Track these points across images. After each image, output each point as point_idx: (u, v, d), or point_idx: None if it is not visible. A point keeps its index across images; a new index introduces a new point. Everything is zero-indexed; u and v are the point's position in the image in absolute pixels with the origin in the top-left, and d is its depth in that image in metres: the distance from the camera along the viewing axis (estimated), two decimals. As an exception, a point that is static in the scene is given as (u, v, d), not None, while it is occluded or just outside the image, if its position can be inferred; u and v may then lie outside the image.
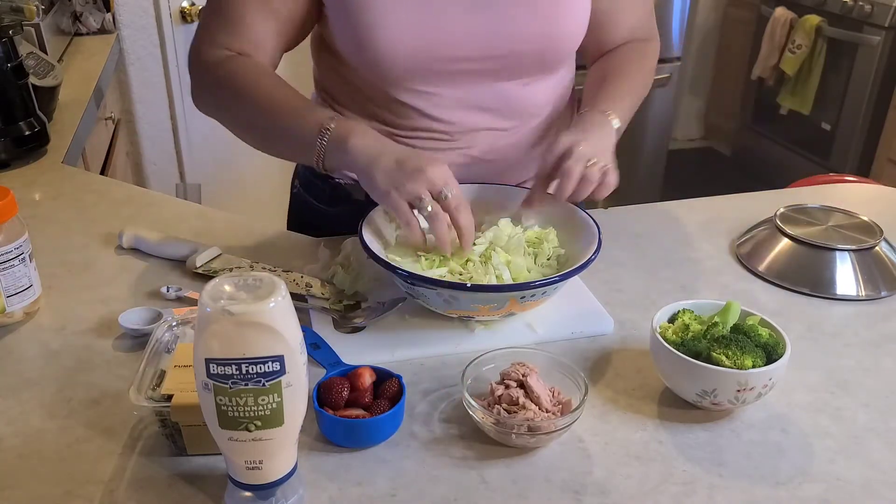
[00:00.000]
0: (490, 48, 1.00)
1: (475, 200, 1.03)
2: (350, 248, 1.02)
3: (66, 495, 0.69)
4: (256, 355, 0.60)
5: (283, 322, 0.61)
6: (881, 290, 1.02)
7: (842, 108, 3.36)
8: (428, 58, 0.99)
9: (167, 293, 0.97)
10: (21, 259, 0.91)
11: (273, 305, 0.60)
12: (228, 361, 0.60)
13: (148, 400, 0.71)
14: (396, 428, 0.76)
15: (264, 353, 0.60)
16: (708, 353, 0.77)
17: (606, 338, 0.92)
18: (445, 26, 0.98)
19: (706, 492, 0.70)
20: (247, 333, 0.59)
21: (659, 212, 1.26)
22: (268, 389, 0.61)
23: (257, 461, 0.64)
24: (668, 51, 3.38)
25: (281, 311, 0.60)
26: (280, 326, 0.60)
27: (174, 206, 1.27)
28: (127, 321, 0.90)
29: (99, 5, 2.38)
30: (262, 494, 0.66)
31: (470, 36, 0.99)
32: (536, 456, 0.74)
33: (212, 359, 0.60)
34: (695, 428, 0.78)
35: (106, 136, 2.13)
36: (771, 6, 3.63)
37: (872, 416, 0.80)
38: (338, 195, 1.15)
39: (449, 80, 1.02)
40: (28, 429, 0.77)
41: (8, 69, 1.40)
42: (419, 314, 0.93)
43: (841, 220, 1.12)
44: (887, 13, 3.08)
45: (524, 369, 0.78)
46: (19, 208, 0.91)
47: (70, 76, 1.93)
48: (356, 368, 0.78)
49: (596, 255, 0.89)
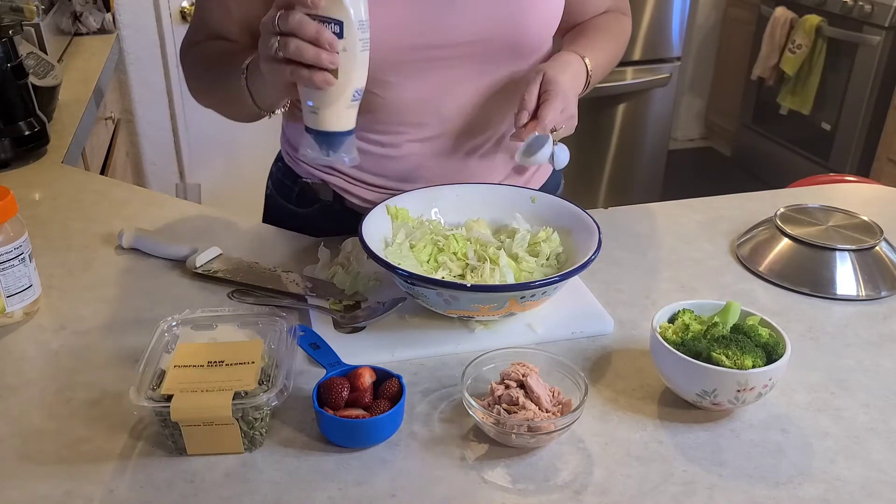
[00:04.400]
0: (459, 35, 1.00)
1: (482, 205, 1.04)
2: (350, 248, 1.02)
3: (66, 495, 0.69)
4: (321, 14, 0.78)
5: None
6: (881, 290, 1.02)
7: (842, 108, 3.36)
8: (396, 47, 0.99)
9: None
10: (21, 259, 0.91)
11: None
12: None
13: (148, 400, 0.71)
14: (396, 428, 0.76)
15: (326, 13, 0.78)
16: (708, 353, 0.77)
17: (606, 338, 0.92)
18: (413, 15, 0.98)
19: (706, 492, 0.70)
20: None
21: (659, 212, 1.26)
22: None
23: (315, 108, 0.83)
24: (668, 51, 3.38)
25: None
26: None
27: (174, 206, 1.27)
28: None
29: (99, 5, 2.38)
30: (324, 139, 0.84)
31: (437, 24, 0.99)
32: (536, 456, 0.74)
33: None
34: (695, 428, 0.78)
35: (106, 136, 2.13)
36: (771, 6, 3.63)
37: (872, 416, 0.80)
38: (305, 196, 1.16)
39: (418, 68, 1.02)
40: (28, 429, 0.77)
41: (8, 69, 1.40)
42: (419, 314, 0.93)
43: (841, 220, 1.12)
44: (887, 13, 3.09)
45: (524, 369, 0.78)
46: (19, 208, 0.91)
47: (70, 76, 1.94)
48: (356, 368, 0.78)
49: (596, 255, 0.89)
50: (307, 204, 1.17)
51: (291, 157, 1.18)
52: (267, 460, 0.73)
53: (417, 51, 1.00)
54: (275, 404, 0.72)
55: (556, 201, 1.03)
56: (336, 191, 1.13)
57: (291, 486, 0.70)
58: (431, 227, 1.00)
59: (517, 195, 1.04)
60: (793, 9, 3.49)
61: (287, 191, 1.19)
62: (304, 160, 1.11)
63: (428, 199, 1.03)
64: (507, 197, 1.04)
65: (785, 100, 3.61)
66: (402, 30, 0.98)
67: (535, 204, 1.03)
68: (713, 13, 4.18)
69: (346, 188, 1.12)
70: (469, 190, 1.05)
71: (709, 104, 4.43)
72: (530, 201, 1.03)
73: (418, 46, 0.99)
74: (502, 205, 1.04)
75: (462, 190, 1.05)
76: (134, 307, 0.97)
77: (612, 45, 1.15)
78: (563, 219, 1.00)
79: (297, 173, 1.16)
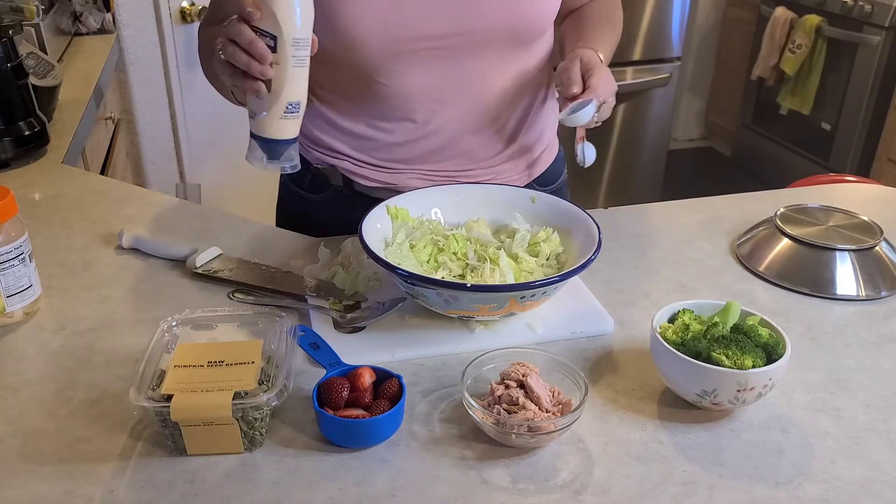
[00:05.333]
0: (459, 25, 1.02)
1: (482, 205, 1.04)
2: (350, 248, 1.02)
3: (66, 495, 0.69)
4: (259, 26, 0.81)
5: (283, 13, 0.80)
6: (881, 290, 1.02)
7: (842, 108, 3.36)
8: (399, 38, 1.00)
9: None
10: (21, 259, 0.91)
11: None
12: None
13: (148, 400, 0.71)
14: (396, 428, 0.76)
15: (262, 26, 0.81)
16: (708, 353, 0.77)
17: (606, 338, 0.92)
18: (414, 5, 0.99)
19: (706, 492, 0.70)
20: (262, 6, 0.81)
21: (659, 212, 1.26)
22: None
23: (253, 112, 0.87)
24: (668, 51, 3.38)
25: (285, 2, 0.80)
26: (280, 14, 0.80)
27: (174, 206, 1.27)
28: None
29: (99, 5, 2.38)
30: (260, 144, 0.87)
31: (439, 14, 1.01)
32: (536, 456, 0.74)
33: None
34: (695, 428, 0.78)
35: (106, 136, 2.13)
36: (771, 6, 3.63)
37: (872, 416, 0.80)
38: (318, 181, 1.19)
39: (423, 59, 1.03)
40: (28, 429, 0.77)
41: (8, 69, 1.40)
42: (419, 314, 0.93)
43: (841, 220, 1.12)
44: (887, 13, 3.08)
45: (524, 369, 0.78)
46: (19, 208, 0.91)
47: (70, 76, 1.94)
48: (356, 368, 0.78)
49: (596, 255, 0.89)
50: (319, 189, 1.19)
51: (302, 146, 1.18)
52: (267, 460, 0.73)
53: (417, 41, 1.01)
54: (275, 404, 0.72)
55: (556, 201, 1.03)
56: (344, 174, 1.15)
57: (291, 486, 0.70)
58: (431, 227, 1.00)
59: (517, 195, 1.04)
60: (793, 9, 3.49)
61: (300, 178, 1.21)
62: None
63: (428, 199, 1.03)
64: (507, 197, 1.04)
65: (785, 100, 3.61)
66: (402, 20, 0.99)
67: (535, 204, 1.03)
68: (713, 13, 4.18)
69: (353, 170, 1.14)
70: (469, 190, 1.05)
71: (709, 104, 4.43)
72: (530, 201, 1.03)
73: (417, 37, 1.01)
74: (502, 205, 1.04)
75: (462, 190, 1.05)
76: (134, 307, 0.97)
77: (613, 35, 1.18)
78: (563, 219, 1.00)
79: (307, 160, 1.18)
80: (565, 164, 1.31)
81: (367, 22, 0.99)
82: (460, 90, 1.07)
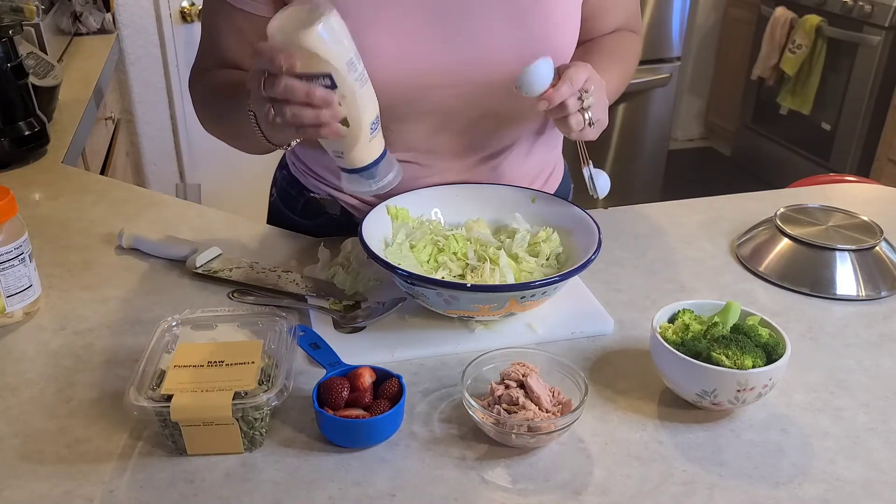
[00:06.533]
0: (474, 74, 0.96)
1: (482, 205, 1.04)
2: (350, 248, 1.02)
3: (66, 495, 0.69)
4: (306, 72, 0.75)
5: (325, 47, 0.75)
6: (881, 290, 1.02)
7: (842, 108, 3.36)
8: (409, 86, 0.95)
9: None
10: (21, 259, 0.91)
11: (318, 30, 0.74)
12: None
13: (148, 400, 0.71)
14: (396, 428, 0.76)
15: (310, 69, 0.76)
16: (708, 353, 0.77)
17: (606, 338, 0.92)
18: (426, 55, 0.94)
19: (706, 492, 0.70)
20: (297, 56, 0.75)
21: (659, 212, 1.26)
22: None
23: (339, 152, 0.85)
24: (668, 51, 3.38)
25: (320, 37, 0.75)
26: (322, 51, 0.75)
27: (174, 206, 1.27)
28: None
29: (99, 5, 2.38)
30: (360, 173, 0.86)
31: (450, 64, 0.95)
32: (536, 456, 0.74)
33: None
34: (695, 428, 0.78)
35: (106, 136, 2.13)
36: (771, 6, 3.63)
37: (872, 416, 0.80)
38: (311, 209, 1.14)
39: (433, 107, 0.98)
40: (28, 429, 0.77)
41: (8, 69, 1.40)
42: (419, 314, 0.93)
43: (841, 220, 1.12)
44: (887, 13, 3.08)
45: (524, 369, 0.78)
46: (19, 208, 0.91)
47: (70, 76, 1.94)
48: (356, 368, 0.78)
49: (596, 255, 0.89)
50: (312, 216, 1.15)
51: (298, 169, 1.15)
52: (267, 460, 0.73)
53: (437, 90, 0.96)
54: (275, 404, 0.72)
55: (556, 201, 1.03)
56: (344, 206, 1.11)
57: (291, 486, 0.70)
58: (431, 228, 1.00)
59: (517, 195, 1.04)
60: (793, 9, 3.49)
61: (292, 202, 1.17)
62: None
63: (428, 199, 1.03)
64: (507, 197, 1.04)
65: (785, 100, 3.61)
66: (412, 57, 0.94)
67: (535, 204, 1.03)
68: (713, 13, 4.18)
69: (356, 205, 1.10)
70: (469, 190, 1.05)
71: (709, 104, 4.43)
72: (530, 201, 1.03)
73: (438, 86, 0.96)
74: (502, 205, 1.04)
75: (462, 190, 1.05)
76: (134, 307, 0.97)
77: (621, 69, 1.10)
78: (563, 219, 1.00)
79: (303, 185, 1.14)
80: (571, 182, 1.27)
81: (381, 68, 0.91)
82: (470, 144, 1.03)
